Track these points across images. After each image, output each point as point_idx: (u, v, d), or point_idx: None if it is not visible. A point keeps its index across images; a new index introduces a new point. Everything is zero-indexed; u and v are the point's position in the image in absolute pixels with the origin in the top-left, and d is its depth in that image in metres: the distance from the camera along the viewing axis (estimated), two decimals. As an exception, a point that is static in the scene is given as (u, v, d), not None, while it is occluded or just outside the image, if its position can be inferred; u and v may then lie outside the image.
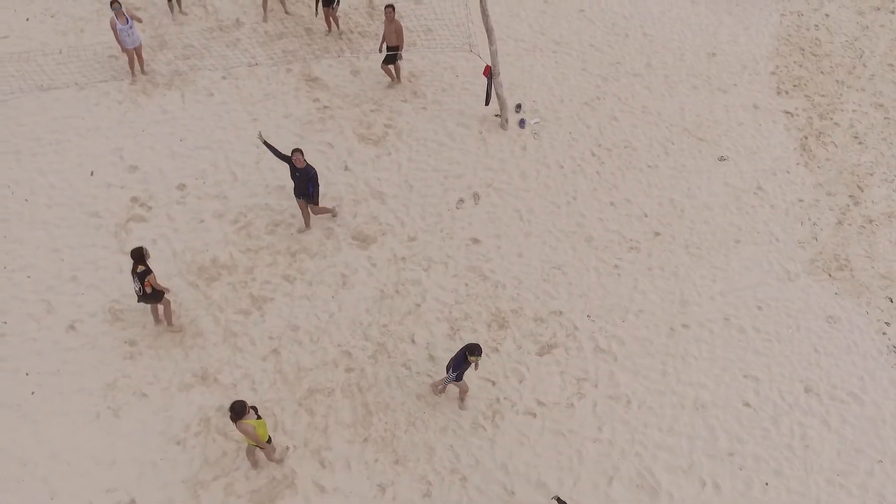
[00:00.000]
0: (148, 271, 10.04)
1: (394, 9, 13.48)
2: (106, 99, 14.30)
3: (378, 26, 16.19)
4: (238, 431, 9.07)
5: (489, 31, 12.50)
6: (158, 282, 10.46)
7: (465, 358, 9.44)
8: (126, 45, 14.04)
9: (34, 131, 13.53)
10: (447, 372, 9.72)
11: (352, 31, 16.05)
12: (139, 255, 9.95)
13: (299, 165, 11.09)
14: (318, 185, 11.35)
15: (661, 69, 15.75)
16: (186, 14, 16.36)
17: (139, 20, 14.02)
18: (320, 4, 15.41)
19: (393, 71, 14.44)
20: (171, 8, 16.11)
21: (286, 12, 16.41)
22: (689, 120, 14.74)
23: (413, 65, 15.11)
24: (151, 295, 10.31)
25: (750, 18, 17.53)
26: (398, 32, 13.68)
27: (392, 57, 13.98)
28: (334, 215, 12.28)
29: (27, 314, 11.10)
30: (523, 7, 16.94)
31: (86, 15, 16.11)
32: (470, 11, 13.68)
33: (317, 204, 11.71)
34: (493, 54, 12.75)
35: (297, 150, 11.04)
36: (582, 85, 15.14)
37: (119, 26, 13.71)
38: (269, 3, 16.17)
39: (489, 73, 13.12)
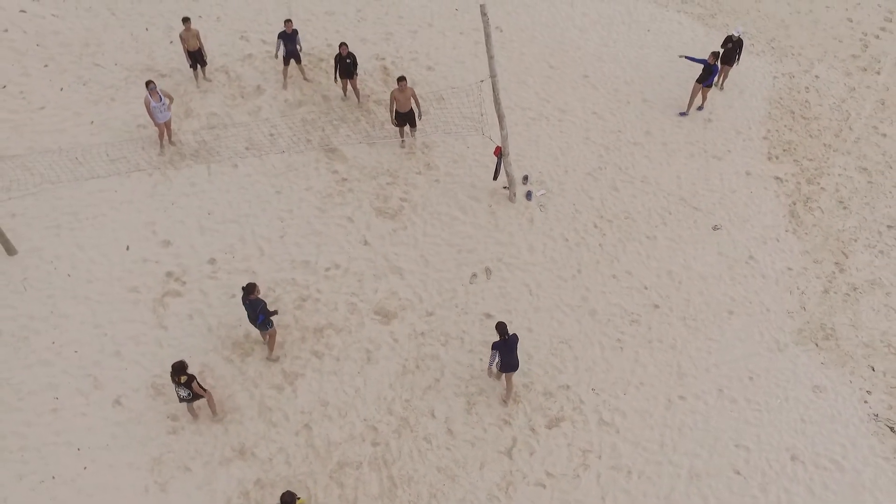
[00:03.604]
0: (191, 378, 10.88)
1: (406, 80, 14.44)
2: (136, 171, 15.20)
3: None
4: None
5: (501, 117, 13.44)
6: (200, 384, 11.28)
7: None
8: (158, 121, 14.97)
9: (71, 205, 14.42)
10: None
11: (368, 98, 16.96)
12: (181, 368, 10.75)
13: (251, 297, 11.57)
14: (268, 314, 11.71)
15: (660, 136, 16.71)
16: (210, 81, 17.27)
17: (171, 98, 14.90)
18: (338, 73, 16.26)
19: (408, 130, 15.42)
20: (196, 76, 17.01)
21: (305, 79, 17.33)
22: (685, 189, 15.72)
23: (426, 135, 16.03)
24: (195, 396, 11.17)
25: (745, 82, 18.50)
26: (413, 97, 14.66)
27: (412, 120, 14.89)
28: (271, 357, 12.42)
29: (76, 389, 12.02)
30: (530, 73, 17.88)
31: (116, 83, 16.99)
32: (483, 99, 14.63)
33: (265, 331, 12.10)
34: (504, 138, 13.69)
35: (252, 285, 11.56)
36: (585, 154, 16.09)
37: (153, 104, 14.63)
38: (287, 70, 17.07)
39: (500, 153, 14.06)
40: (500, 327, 11.35)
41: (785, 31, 20.88)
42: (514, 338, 11.47)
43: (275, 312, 11.84)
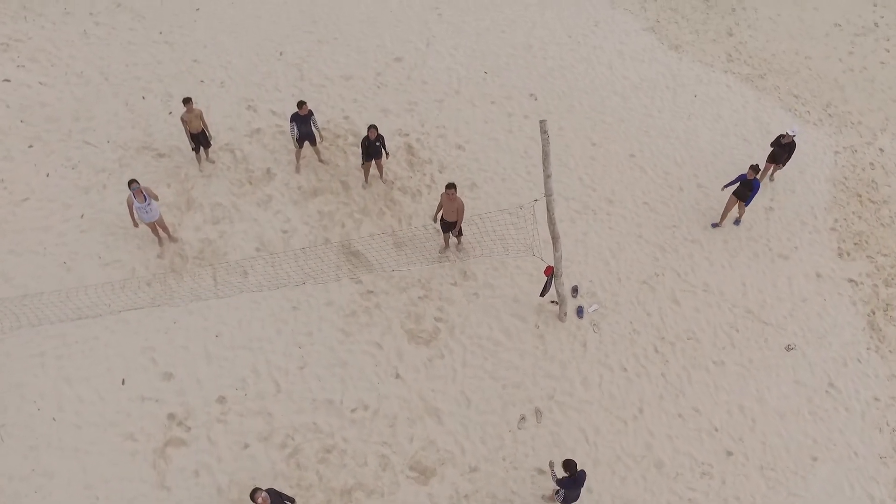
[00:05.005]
0: None
1: (455, 188, 12.59)
2: (133, 279, 13.36)
3: (419, 178, 15.32)
4: None
5: (555, 238, 11.65)
6: None
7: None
8: (144, 222, 13.15)
9: (58, 326, 12.58)
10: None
11: (392, 184, 15.15)
12: None
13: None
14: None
15: (720, 232, 14.95)
16: (213, 162, 15.42)
17: (156, 198, 13.06)
18: (364, 157, 14.46)
19: (453, 239, 13.68)
20: (199, 159, 15.15)
21: (320, 160, 15.50)
22: (752, 298, 13.96)
23: (467, 247, 14.17)
24: None
25: (805, 159, 16.74)
26: (459, 210, 12.86)
27: (451, 227, 13.16)
28: None
29: (62, 575, 10.24)
30: (572, 153, 16.08)
31: (108, 166, 15.14)
32: (536, 219, 12.72)
33: None
34: (558, 259, 11.92)
35: (259, 491, 9.46)
36: (639, 257, 14.31)
37: (136, 205, 12.82)
38: (301, 152, 15.23)
39: (551, 273, 12.28)
40: (570, 465, 9.93)
41: (840, 93, 19.14)
42: (583, 474, 10.10)
43: None
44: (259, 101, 16.91)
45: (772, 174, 15.82)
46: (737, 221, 14.95)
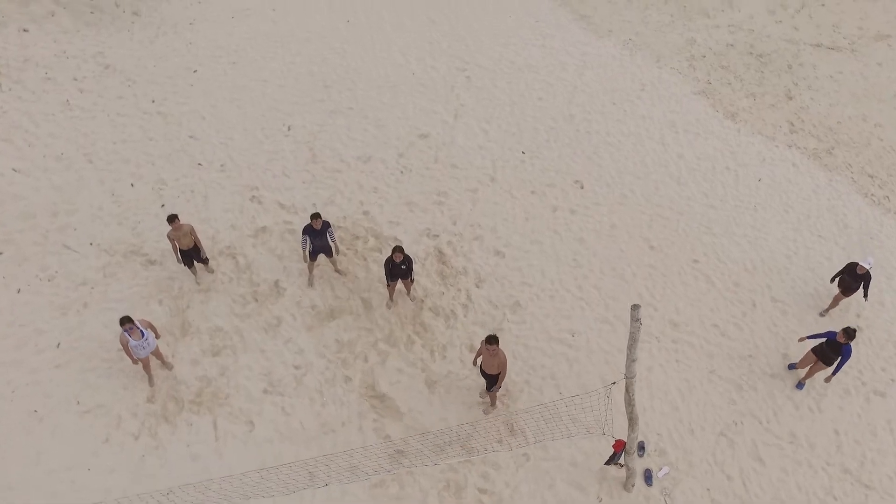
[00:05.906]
0: None
1: (497, 342, 10.47)
2: (117, 431, 11.25)
3: (454, 295, 13.18)
4: None
5: (633, 420, 9.54)
6: None
7: None
8: (139, 357, 11.08)
9: (23, 495, 10.46)
10: None
11: (422, 302, 13.01)
12: None
13: None
14: None
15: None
16: (213, 272, 13.28)
17: (154, 330, 11.02)
18: (388, 277, 12.33)
19: (489, 398, 11.58)
20: (194, 272, 13.00)
21: (336, 271, 13.35)
22: (847, 452, 11.85)
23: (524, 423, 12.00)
24: None
25: (890, 259, 14.62)
26: (502, 365, 10.76)
27: (492, 384, 11.09)
28: None
29: None
30: (629, 263, 13.91)
31: (90, 276, 13.02)
32: (611, 400, 10.50)
33: None
34: (632, 440, 9.79)
35: None
36: (713, 398, 12.19)
37: (132, 343, 10.75)
38: (314, 263, 13.07)
39: (622, 448, 10.16)
40: None
41: (919, 169, 17.00)
42: None
43: None
44: (265, 190, 14.76)
45: (829, 309, 13.41)
46: (800, 385, 12.31)
